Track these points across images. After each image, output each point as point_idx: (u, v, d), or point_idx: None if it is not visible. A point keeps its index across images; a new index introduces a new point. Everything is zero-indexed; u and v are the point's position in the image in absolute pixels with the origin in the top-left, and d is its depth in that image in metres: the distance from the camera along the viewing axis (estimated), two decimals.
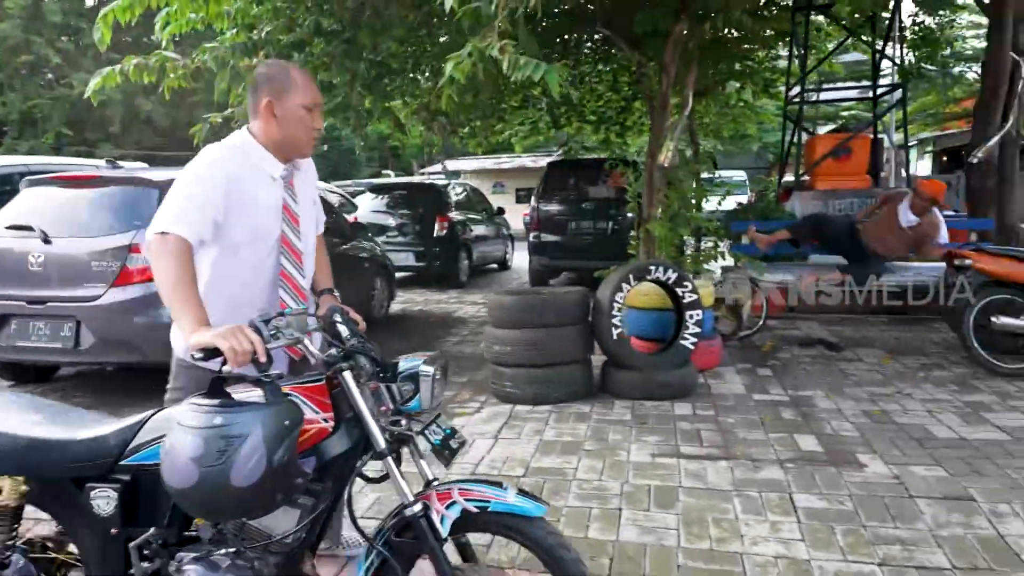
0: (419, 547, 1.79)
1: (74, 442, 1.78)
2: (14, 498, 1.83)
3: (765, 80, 10.19)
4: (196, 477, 1.52)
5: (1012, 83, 6.16)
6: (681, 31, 4.41)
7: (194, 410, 1.57)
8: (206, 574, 1.71)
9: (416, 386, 1.80)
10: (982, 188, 6.44)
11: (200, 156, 1.98)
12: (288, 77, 2.00)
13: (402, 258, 9.85)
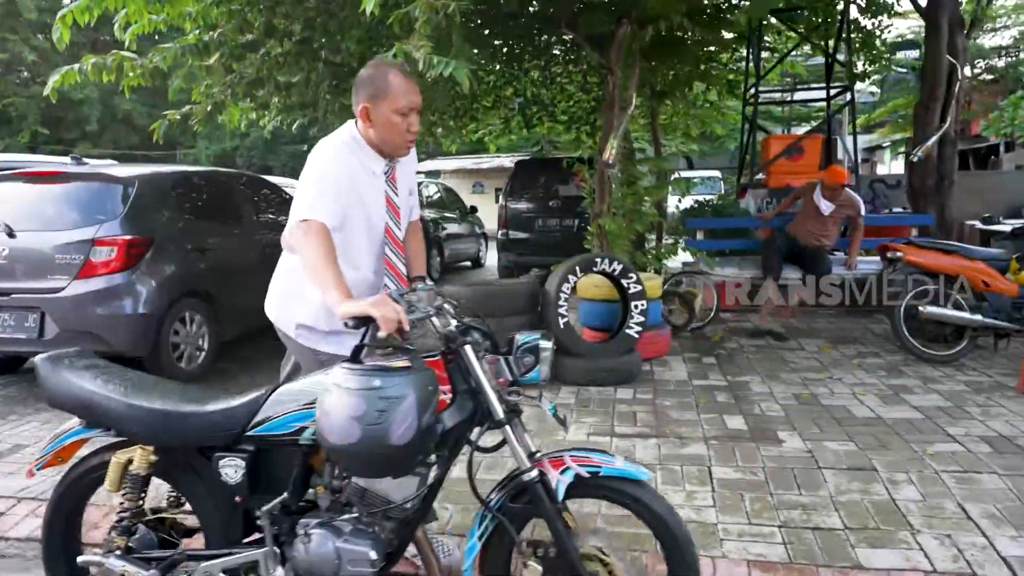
0: (532, 512, 1.91)
1: (204, 413, 1.92)
2: (144, 467, 1.96)
3: (729, 82, 10.48)
4: (358, 435, 1.64)
5: (949, 85, 6.45)
6: (624, 34, 4.63)
7: (351, 373, 1.69)
8: (331, 538, 1.83)
9: (536, 359, 1.98)
10: (923, 185, 6.73)
11: (322, 150, 2.10)
12: (385, 82, 2.04)
13: None
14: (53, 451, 2.07)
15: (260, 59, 4.42)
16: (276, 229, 6.33)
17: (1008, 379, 4.54)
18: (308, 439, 1.85)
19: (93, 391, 1.94)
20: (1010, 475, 3.14)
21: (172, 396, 1.97)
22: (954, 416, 3.92)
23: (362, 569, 1.81)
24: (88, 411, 1.97)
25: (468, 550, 1.90)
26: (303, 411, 1.85)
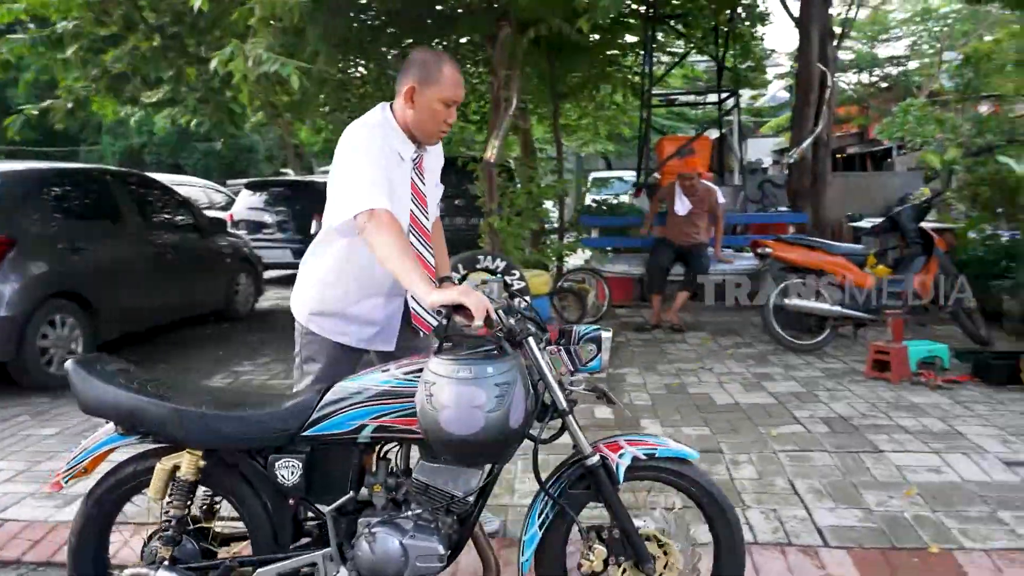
0: (590, 496, 1.96)
1: (256, 415, 1.88)
2: (192, 473, 1.90)
3: (632, 84, 10.81)
4: (482, 423, 1.65)
5: (821, 91, 6.87)
6: (505, 36, 4.74)
7: (460, 363, 1.67)
8: (396, 535, 1.83)
9: (599, 348, 1.97)
10: (800, 185, 7.14)
11: (357, 133, 2.04)
12: (438, 68, 2.04)
13: (279, 255, 9.83)
14: (86, 461, 1.99)
15: (125, 53, 4.30)
16: (167, 230, 6.18)
17: (860, 364, 4.88)
18: (367, 437, 1.86)
19: (136, 397, 1.88)
20: (839, 452, 3.40)
21: (218, 399, 1.96)
22: (804, 400, 4.20)
23: (431, 564, 1.84)
24: (130, 417, 1.90)
25: (529, 540, 1.92)
26: (362, 408, 1.85)
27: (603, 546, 1.95)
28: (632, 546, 1.94)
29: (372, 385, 1.87)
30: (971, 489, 3.02)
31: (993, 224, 6.50)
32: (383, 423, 1.85)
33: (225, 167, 26.63)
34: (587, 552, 1.95)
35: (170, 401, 1.89)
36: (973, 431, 3.62)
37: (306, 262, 2.29)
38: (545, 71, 8.03)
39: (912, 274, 5.33)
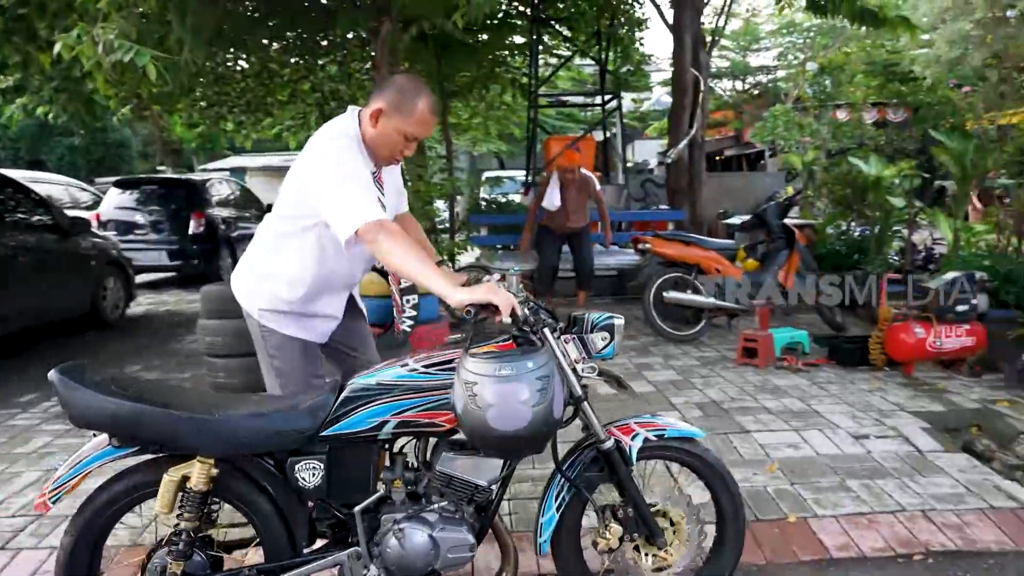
0: (603, 478, 2.03)
1: (271, 417, 1.81)
2: (204, 482, 1.81)
3: (521, 85, 10.98)
4: (529, 417, 1.68)
5: (695, 95, 7.24)
6: (387, 32, 4.68)
7: (499, 361, 1.70)
8: (424, 528, 1.85)
9: (612, 335, 1.99)
10: (677, 184, 7.50)
11: (338, 143, 1.99)
12: (413, 102, 2.03)
13: (153, 257, 9.26)
14: (76, 478, 1.83)
15: None
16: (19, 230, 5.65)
17: (731, 352, 5.19)
18: (388, 433, 1.85)
19: (138, 406, 1.75)
20: (710, 434, 3.58)
21: (227, 403, 1.88)
22: (680, 388, 4.41)
23: (462, 554, 1.89)
24: (133, 428, 1.77)
25: (547, 521, 1.98)
26: (383, 404, 1.84)
27: (619, 524, 2.05)
28: (645, 523, 2.07)
29: (391, 380, 1.86)
30: (824, 462, 3.28)
31: (847, 220, 7.09)
32: (405, 418, 1.85)
33: (93, 164, 24.74)
34: (603, 531, 2.05)
35: (176, 408, 1.78)
36: (827, 409, 3.94)
37: (259, 256, 2.24)
38: (433, 69, 8.01)
39: (776, 267, 5.72)
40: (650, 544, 2.10)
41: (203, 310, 4.54)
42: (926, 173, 6.24)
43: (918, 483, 3.08)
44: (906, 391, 4.24)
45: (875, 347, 4.69)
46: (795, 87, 20.40)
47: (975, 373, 4.52)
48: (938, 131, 5.38)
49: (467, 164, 21.46)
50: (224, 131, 11.61)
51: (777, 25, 23.97)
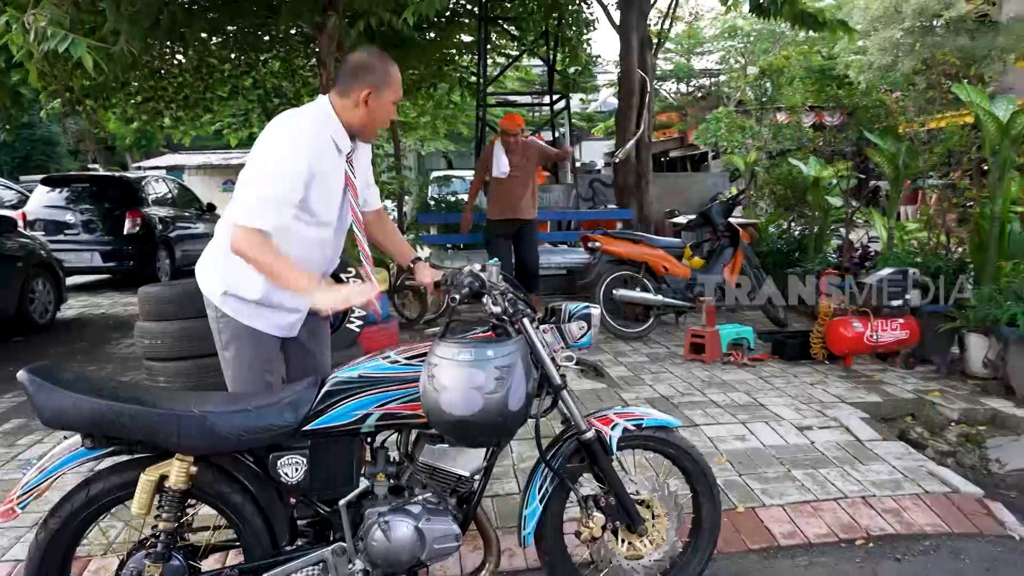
0: (584, 468, 2.08)
1: (254, 412, 1.76)
2: (183, 481, 1.75)
3: (469, 84, 10.95)
4: (480, 404, 1.68)
5: (642, 96, 7.35)
6: (333, 28, 4.59)
7: (463, 346, 1.72)
8: (410, 521, 1.85)
9: (589, 325, 2.02)
10: (625, 184, 7.60)
11: (288, 134, 2.00)
12: (388, 73, 2.10)
13: (86, 258, 8.88)
14: (47, 481, 1.74)
15: None
16: None
17: (680, 348, 5.28)
18: (371, 425, 1.85)
19: (115, 404, 1.70)
20: None
21: (203, 401, 1.82)
22: (631, 384, 4.46)
23: (448, 545, 1.89)
24: (109, 427, 1.70)
25: (531, 513, 2.00)
26: (366, 397, 1.84)
27: (601, 513, 2.08)
28: (626, 511, 2.11)
29: (374, 372, 1.87)
30: (770, 453, 3.37)
31: (788, 219, 7.30)
32: (388, 410, 1.85)
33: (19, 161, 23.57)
34: (586, 520, 2.08)
35: (155, 405, 1.72)
36: (772, 402, 4.04)
37: (224, 244, 2.15)
38: None
39: (722, 264, 5.86)
40: (631, 532, 2.14)
41: (141, 312, 4.36)
42: (861, 174, 6.48)
43: (858, 471, 3.19)
44: (846, 383, 4.40)
45: (816, 341, 4.85)
46: (737, 90, 20.96)
47: (909, 365, 4.72)
48: (872, 134, 5.59)
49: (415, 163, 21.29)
50: (161, 127, 11.22)
51: (719, 30, 24.60)
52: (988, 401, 4.00)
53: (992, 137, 4.27)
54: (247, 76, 10.61)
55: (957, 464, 3.58)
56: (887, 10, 15.75)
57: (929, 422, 3.93)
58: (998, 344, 4.20)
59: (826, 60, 18.27)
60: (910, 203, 11.17)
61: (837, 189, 6.45)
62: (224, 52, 9.14)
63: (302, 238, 2.12)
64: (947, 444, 3.75)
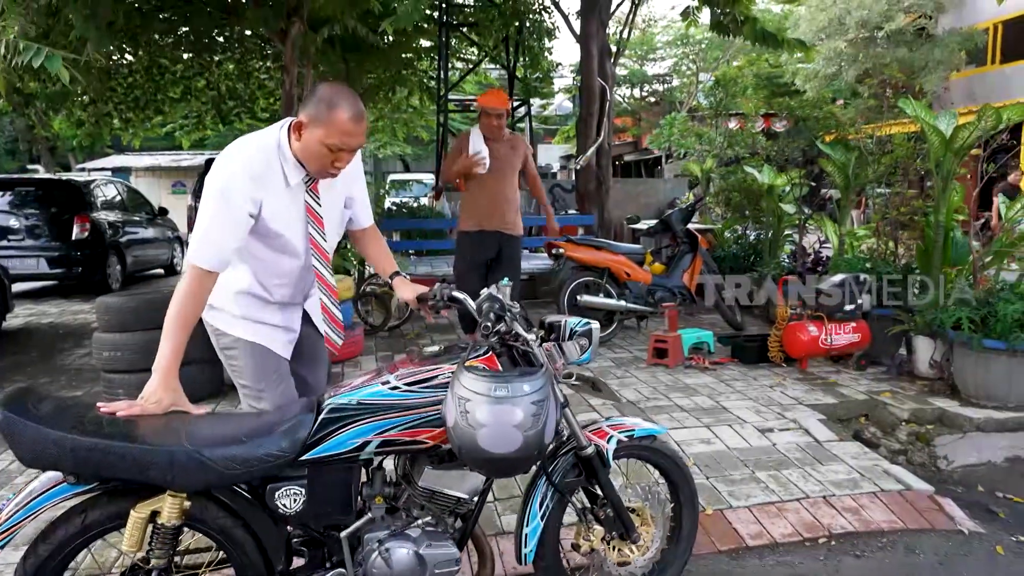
0: (581, 482, 2.10)
1: (248, 444, 1.70)
2: (176, 517, 1.70)
3: (429, 88, 10.94)
4: (520, 442, 1.67)
5: (602, 104, 7.47)
6: (297, 34, 4.55)
7: (496, 381, 1.67)
8: (410, 546, 1.84)
9: (590, 341, 2.01)
10: (586, 190, 7.71)
11: (226, 168, 1.92)
12: (332, 111, 1.91)
13: (31, 264, 8.56)
14: (26, 519, 1.65)
15: None
16: None
17: (643, 353, 5.39)
18: (370, 453, 1.83)
19: (100, 442, 1.60)
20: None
21: (194, 429, 1.74)
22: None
23: (450, 569, 1.88)
24: (96, 466, 1.60)
25: (532, 530, 2.00)
26: (365, 425, 1.81)
27: (601, 525, 2.14)
28: (622, 521, 2.15)
29: (373, 400, 1.83)
30: (735, 455, 3.48)
31: (743, 225, 7.52)
32: (388, 437, 1.83)
33: None
34: (587, 533, 2.13)
35: (142, 439, 1.65)
36: (734, 405, 4.17)
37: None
38: (340, 71, 7.85)
39: (682, 270, 6.00)
40: (622, 540, 2.19)
41: (100, 323, 4.25)
42: (813, 182, 6.72)
43: (818, 471, 3.32)
44: (803, 385, 4.56)
45: (774, 345, 5.01)
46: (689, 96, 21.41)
47: (861, 367, 4.92)
48: (823, 143, 5.81)
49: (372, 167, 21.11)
50: (110, 129, 10.89)
51: (672, 36, 25.09)
52: (935, 401, 4.21)
53: (936, 150, 4.49)
54: (200, 78, 10.39)
55: (908, 462, 3.76)
56: (831, 21, 16.33)
57: (881, 422, 4.11)
58: (943, 346, 4.42)
59: (773, 68, 18.82)
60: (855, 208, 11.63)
61: (790, 196, 6.67)
62: (177, 53, 8.93)
63: (278, 268, 2.09)
64: (899, 443, 3.93)
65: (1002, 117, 4.23)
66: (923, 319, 4.39)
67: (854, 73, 15.86)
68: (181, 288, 1.91)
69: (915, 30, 16.13)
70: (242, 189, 1.92)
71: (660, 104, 25.79)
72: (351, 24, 4.68)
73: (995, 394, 4.06)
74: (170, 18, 6.88)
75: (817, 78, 17.05)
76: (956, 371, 4.28)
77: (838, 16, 16.16)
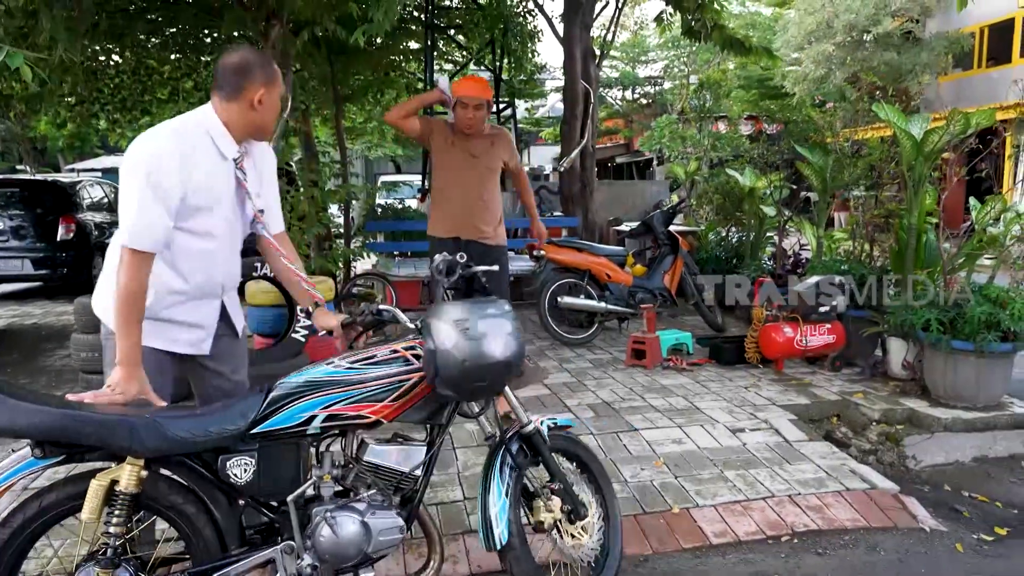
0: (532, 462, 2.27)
1: (203, 415, 1.87)
2: (134, 485, 1.79)
3: (416, 90, 10.94)
4: (515, 345, 2.02)
5: (586, 106, 7.52)
6: (278, 36, 4.57)
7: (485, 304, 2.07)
8: (356, 516, 1.97)
9: None
10: (570, 192, 7.75)
11: (144, 149, 1.93)
12: (272, 69, 2.09)
13: (15, 266, 8.53)
14: None
15: None
16: None
17: (622, 354, 5.43)
18: (317, 427, 1.95)
19: (66, 412, 1.74)
20: (602, 434, 3.77)
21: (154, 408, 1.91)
22: (574, 389, 4.58)
23: (393, 537, 2.01)
24: (61, 434, 1.73)
25: (501, 508, 2.11)
26: (311, 400, 1.94)
27: (558, 497, 2.27)
28: (571, 497, 2.30)
29: (318, 377, 1.97)
30: (705, 455, 3.53)
31: (726, 227, 7.57)
32: (333, 411, 1.96)
33: None
34: (548, 504, 2.25)
35: (108, 412, 1.79)
36: (708, 406, 4.22)
37: (112, 266, 2.09)
38: (326, 73, 7.86)
39: (662, 272, 6.05)
40: (571, 523, 2.30)
41: (78, 323, 4.27)
42: (793, 185, 6.78)
43: (786, 470, 3.37)
44: (777, 386, 4.61)
45: (750, 346, 5.06)
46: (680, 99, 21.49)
47: (835, 368, 4.97)
48: (803, 147, 5.87)
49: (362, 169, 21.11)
50: (96, 130, 10.88)
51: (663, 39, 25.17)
52: (906, 401, 4.26)
53: (908, 153, 4.55)
54: (188, 79, 10.39)
55: (878, 462, 3.81)
56: (820, 25, 16.43)
57: (853, 422, 4.17)
58: (915, 347, 4.48)
59: (764, 70, 18.93)
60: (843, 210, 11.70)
61: (770, 199, 6.73)
62: (164, 54, 8.93)
63: (191, 252, 2.06)
64: (869, 443, 3.98)
65: (970, 122, 4.29)
66: (896, 320, 4.44)
67: (842, 76, 15.97)
68: (123, 279, 1.90)
69: (902, 33, 16.25)
70: (170, 166, 1.92)
71: (652, 106, 25.86)
72: (330, 27, 4.69)
73: (964, 394, 4.12)
74: (156, 19, 6.89)
75: (806, 81, 17.15)
76: (926, 372, 4.34)
77: (826, 19, 16.27)
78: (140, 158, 1.93)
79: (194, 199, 1.99)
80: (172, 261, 2.05)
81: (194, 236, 2.05)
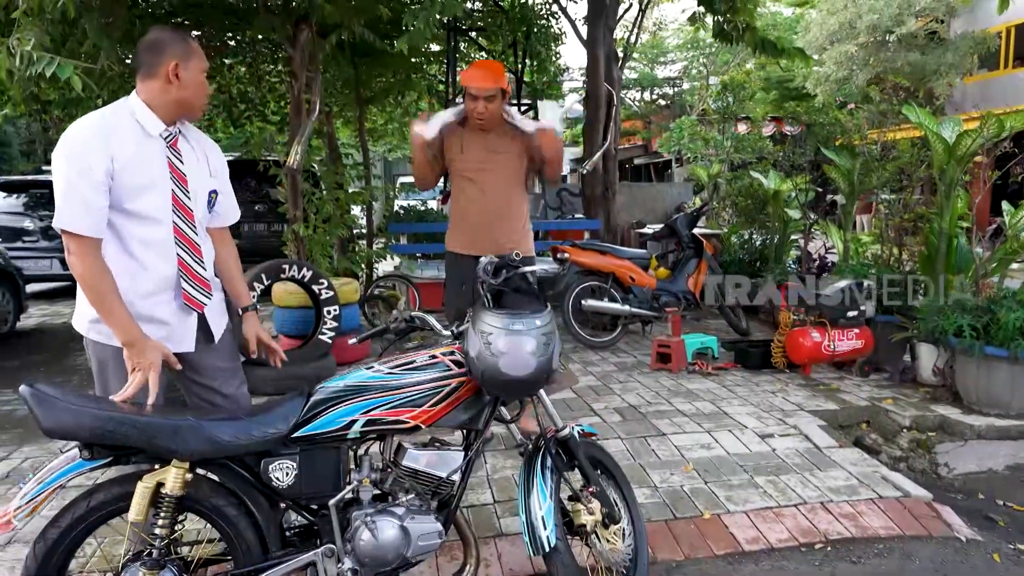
0: (569, 465, 2.28)
1: (247, 420, 1.90)
2: (179, 487, 1.83)
3: (438, 92, 10.98)
4: (534, 366, 1.98)
5: (608, 108, 7.50)
6: (306, 40, 4.62)
7: (514, 318, 2.00)
8: (395, 520, 1.99)
9: None
10: (592, 194, 7.74)
11: (68, 132, 1.91)
12: (188, 44, 2.04)
13: (44, 265, 8.68)
14: (45, 492, 1.80)
15: None
16: None
17: (647, 358, 5.42)
18: (357, 432, 1.98)
19: (114, 414, 1.78)
20: (629, 438, 3.77)
21: (198, 412, 1.97)
22: (600, 393, 4.57)
23: (432, 542, 2.03)
24: (109, 436, 1.77)
25: (548, 511, 2.09)
26: (352, 404, 1.97)
27: (597, 500, 2.26)
28: (608, 501, 2.30)
29: (358, 381, 2.01)
30: (734, 460, 3.51)
31: (749, 230, 7.53)
32: (373, 416, 1.99)
33: None
34: (588, 507, 2.24)
35: (156, 416, 1.83)
36: (735, 411, 4.19)
37: None
38: (350, 76, 7.92)
39: (686, 275, 6.02)
40: (605, 528, 2.29)
41: None
42: (819, 187, 6.73)
43: (817, 477, 3.34)
44: (805, 391, 4.57)
45: (777, 351, 5.03)
46: (700, 100, 21.39)
47: (864, 373, 4.92)
48: (829, 149, 5.82)
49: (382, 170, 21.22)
50: None
51: (682, 40, 25.07)
52: (937, 408, 4.21)
53: (940, 157, 4.49)
54: (212, 81, 10.50)
55: (909, 469, 3.77)
56: (842, 25, 16.27)
57: (883, 429, 4.12)
58: (946, 353, 4.42)
59: (784, 72, 18.79)
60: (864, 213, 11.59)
61: (795, 202, 6.68)
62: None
63: (136, 239, 2.01)
64: (899, 450, 3.94)
65: (1005, 125, 4.23)
66: (926, 326, 4.39)
67: (865, 77, 15.81)
68: (77, 271, 1.90)
69: (926, 34, 16.06)
70: (91, 144, 1.90)
71: (670, 107, 25.76)
72: (359, 31, 4.73)
73: (997, 402, 4.07)
74: (182, 23, 6.98)
75: (828, 82, 17.00)
76: (958, 378, 4.28)
77: (849, 20, 16.11)
78: (63, 143, 1.92)
79: (124, 176, 1.94)
80: (121, 250, 2.00)
81: (138, 221, 1.99)
